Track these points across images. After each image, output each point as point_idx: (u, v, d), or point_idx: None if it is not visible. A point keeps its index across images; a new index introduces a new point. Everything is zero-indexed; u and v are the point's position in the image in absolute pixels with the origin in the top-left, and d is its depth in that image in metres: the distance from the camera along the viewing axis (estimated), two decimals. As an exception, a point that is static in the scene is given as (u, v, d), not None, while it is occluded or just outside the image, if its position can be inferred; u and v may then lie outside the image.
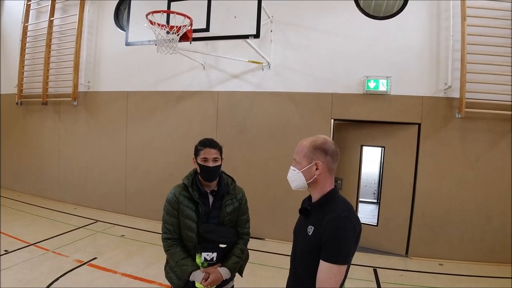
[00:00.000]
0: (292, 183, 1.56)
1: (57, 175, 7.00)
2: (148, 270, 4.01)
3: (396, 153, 4.96)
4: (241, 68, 5.44)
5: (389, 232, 4.97)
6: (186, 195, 2.01)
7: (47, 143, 7.11)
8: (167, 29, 3.97)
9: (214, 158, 1.99)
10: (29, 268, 3.84)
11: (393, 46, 4.79)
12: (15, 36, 7.44)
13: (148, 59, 5.94)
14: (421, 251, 4.73)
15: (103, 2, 6.58)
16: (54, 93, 6.92)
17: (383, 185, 5.12)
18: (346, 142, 5.29)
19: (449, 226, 4.63)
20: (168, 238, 2.03)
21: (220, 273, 1.93)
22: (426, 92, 4.70)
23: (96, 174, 6.60)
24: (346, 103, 4.99)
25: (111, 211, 6.40)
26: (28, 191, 7.38)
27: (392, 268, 4.38)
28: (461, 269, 4.36)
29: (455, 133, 4.61)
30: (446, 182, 4.64)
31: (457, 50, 4.48)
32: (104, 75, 6.56)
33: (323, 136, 1.53)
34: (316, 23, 5.11)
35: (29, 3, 7.27)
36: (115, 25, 6.43)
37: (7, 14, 7.89)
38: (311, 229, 1.45)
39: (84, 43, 6.60)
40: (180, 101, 5.88)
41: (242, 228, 2.14)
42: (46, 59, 6.83)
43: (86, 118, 6.69)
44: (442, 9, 4.62)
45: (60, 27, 6.88)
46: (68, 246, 4.59)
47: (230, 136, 5.43)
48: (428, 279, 4.09)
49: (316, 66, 5.12)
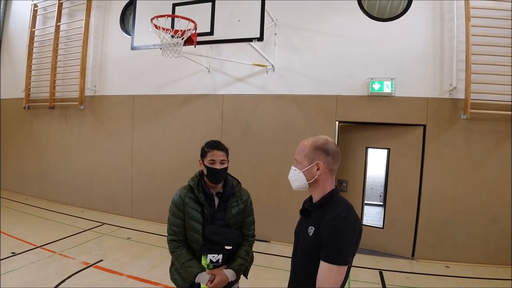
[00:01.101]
0: (293, 183, 1.56)
1: (63, 178, 7.07)
2: (153, 272, 4.03)
3: (401, 155, 4.93)
4: (245, 71, 5.47)
5: (395, 235, 4.94)
6: (191, 197, 2.01)
7: (53, 147, 7.19)
8: (171, 33, 4.01)
9: (221, 160, 1.99)
10: (36, 270, 3.88)
11: (397, 48, 4.79)
12: (22, 41, 7.56)
13: (153, 63, 6.00)
14: (427, 254, 4.69)
15: (109, 7, 6.67)
16: (61, 97, 7.01)
17: (389, 187, 5.09)
18: (351, 144, 5.27)
19: (455, 228, 4.60)
20: (174, 240, 2.03)
21: (226, 275, 1.94)
22: (431, 93, 4.68)
23: (102, 177, 6.65)
24: (350, 105, 4.99)
25: (117, 214, 6.44)
26: (35, 194, 7.45)
27: (398, 271, 4.36)
28: (467, 271, 4.32)
29: (461, 134, 4.58)
30: (451, 184, 4.61)
31: (462, 51, 4.46)
32: (110, 79, 6.63)
33: (324, 136, 1.54)
34: (319, 26, 5.13)
35: (36, 8, 7.38)
36: (121, 30, 6.51)
37: (14, 19, 8.02)
38: (312, 230, 1.45)
39: (90, 48, 6.68)
40: (185, 105, 5.92)
41: (247, 230, 2.14)
42: (53, 63, 6.93)
43: (92, 122, 6.75)
44: (446, 10, 4.61)
45: (67, 32, 6.98)
46: (74, 249, 4.63)
47: (235, 139, 5.44)
48: (435, 281, 4.06)
49: (320, 68, 5.13)
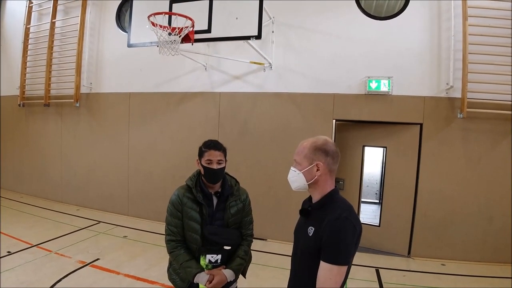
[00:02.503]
0: (292, 184, 1.56)
1: (59, 176, 7.02)
2: (150, 271, 4.02)
3: (398, 154, 4.95)
4: (242, 69, 5.45)
5: (391, 233, 4.97)
6: (190, 197, 2.00)
7: (49, 145, 7.13)
8: (169, 30, 3.98)
9: (218, 160, 1.98)
10: (32, 269, 3.85)
11: (395, 47, 4.79)
12: (17, 38, 7.48)
13: (150, 60, 5.95)
14: (424, 252, 4.72)
15: (104, 4, 6.60)
16: (56, 94, 6.95)
17: (385, 186, 5.13)
18: (348, 143, 5.29)
19: (451, 227, 4.63)
20: (172, 240, 2.02)
21: (225, 275, 1.93)
22: (428, 92, 4.70)
23: (99, 176, 6.61)
24: (347, 103, 4.99)
25: (113, 212, 6.41)
26: (31, 192, 7.40)
27: (394, 269, 4.38)
28: (463, 269, 4.36)
29: (457, 133, 4.61)
30: (448, 182, 4.64)
31: (459, 50, 4.47)
32: (106, 77, 6.58)
33: (324, 137, 1.53)
34: (317, 24, 5.11)
35: (31, 5, 7.30)
36: (117, 27, 6.45)
37: (9, 16, 7.92)
38: (312, 230, 1.45)
39: (86, 45, 6.62)
40: (182, 103, 5.89)
41: (245, 230, 2.14)
42: (48, 61, 6.85)
43: (88, 120, 6.70)
44: (443, 9, 4.62)
45: (62, 29, 6.90)
46: (71, 247, 4.60)
47: (232, 137, 5.43)
48: (431, 279, 4.09)
49: (318, 66, 5.12)
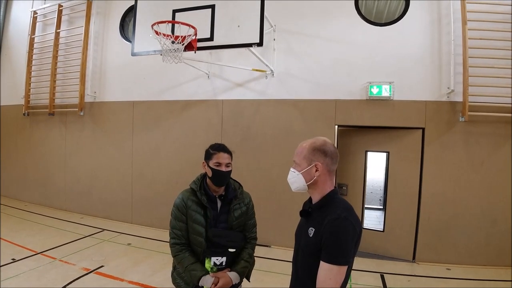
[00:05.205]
0: (292, 185, 1.57)
1: (63, 184, 7.06)
2: (154, 277, 4.02)
3: (401, 158, 4.96)
4: (245, 76, 5.51)
5: (396, 238, 4.94)
6: (194, 200, 2.01)
7: (53, 153, 7.18)
8: (172, 39, 4.05)
9: (227, 163, 2.01)
10: (36, 277, 3.85)
11: (395, 52, 4.84)
12: (22, 48, 7.60)
13: (153, 69, 6.04)
14: (428, 256, 4.69)
15: (108, 14, 6.72)
16: (60, 103, 7.02)
17: (389, 191, 5.10)
18: (351, 148, 5.29)
19: (455, 231, 4.61)
20: (177, 243, 2.02)
21: (230, 278, 1.94)
22: (429, 96, 4.73)
23: (102, 184, 6.64)
24: (349, 109, 5.02)
25: (117, 220, 6.42)
26: (35, 200, 7.42)
27: (399, 274, 4.35)
28: (468, 273, 4.32)
29: (459, 137, 4.61)
30: (451, 186, 4.63)
31: (459, 54, 4.51)
32: (110, 85, 6.65)
33: (323, 137, 1.54)
34: (318, 31, 5.18)
35: (36, 15, 7.43)
36: (121, 36, 6.55)
37: (14, 26, 8.06)
38: (312, 231, 1.46)
39: (90, 54, 6.72)
40: (185, 110, 5.94)
41: (249, 233, 2.15)
42: (52, 70, 6.95)
43: (92, 128, 6.76)
44: (443, 14, 4.68)
45: (66, 38, 7.01)
46: (75, 255, 4.61)
47: (235, 144, 5.42)
48: (436, 284, 4.06)
49: (319, 73, 5.17)
